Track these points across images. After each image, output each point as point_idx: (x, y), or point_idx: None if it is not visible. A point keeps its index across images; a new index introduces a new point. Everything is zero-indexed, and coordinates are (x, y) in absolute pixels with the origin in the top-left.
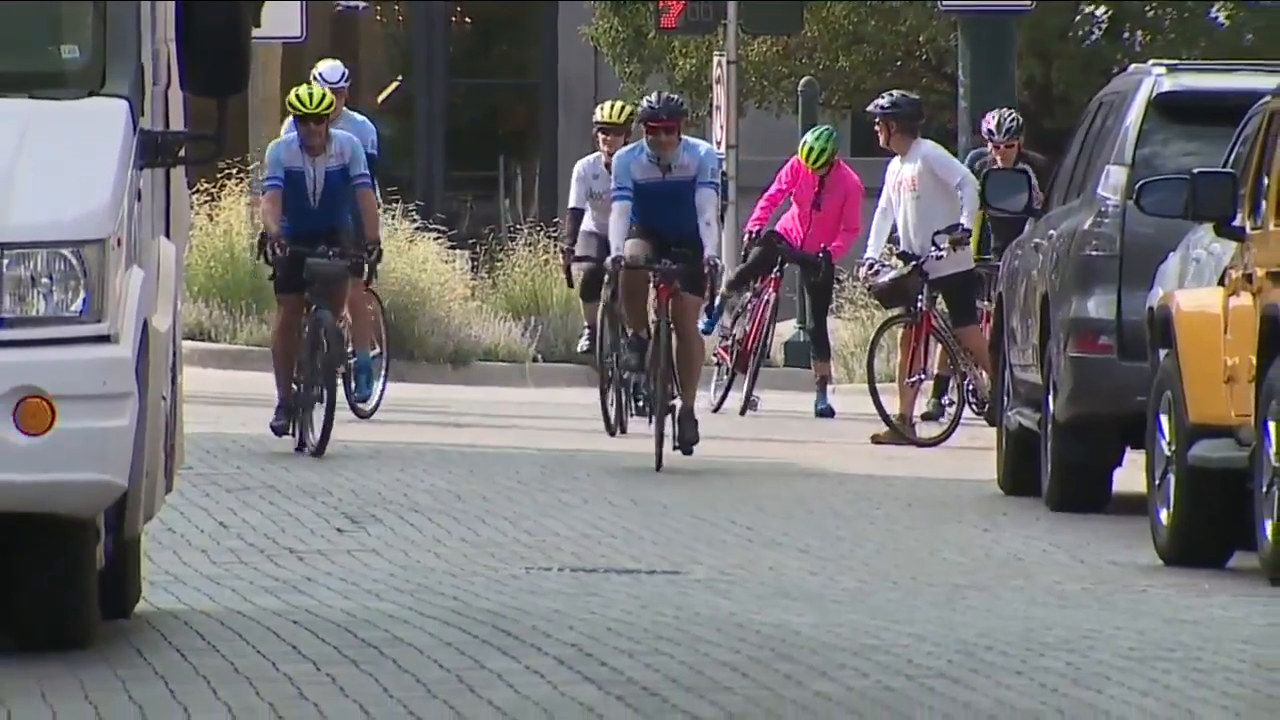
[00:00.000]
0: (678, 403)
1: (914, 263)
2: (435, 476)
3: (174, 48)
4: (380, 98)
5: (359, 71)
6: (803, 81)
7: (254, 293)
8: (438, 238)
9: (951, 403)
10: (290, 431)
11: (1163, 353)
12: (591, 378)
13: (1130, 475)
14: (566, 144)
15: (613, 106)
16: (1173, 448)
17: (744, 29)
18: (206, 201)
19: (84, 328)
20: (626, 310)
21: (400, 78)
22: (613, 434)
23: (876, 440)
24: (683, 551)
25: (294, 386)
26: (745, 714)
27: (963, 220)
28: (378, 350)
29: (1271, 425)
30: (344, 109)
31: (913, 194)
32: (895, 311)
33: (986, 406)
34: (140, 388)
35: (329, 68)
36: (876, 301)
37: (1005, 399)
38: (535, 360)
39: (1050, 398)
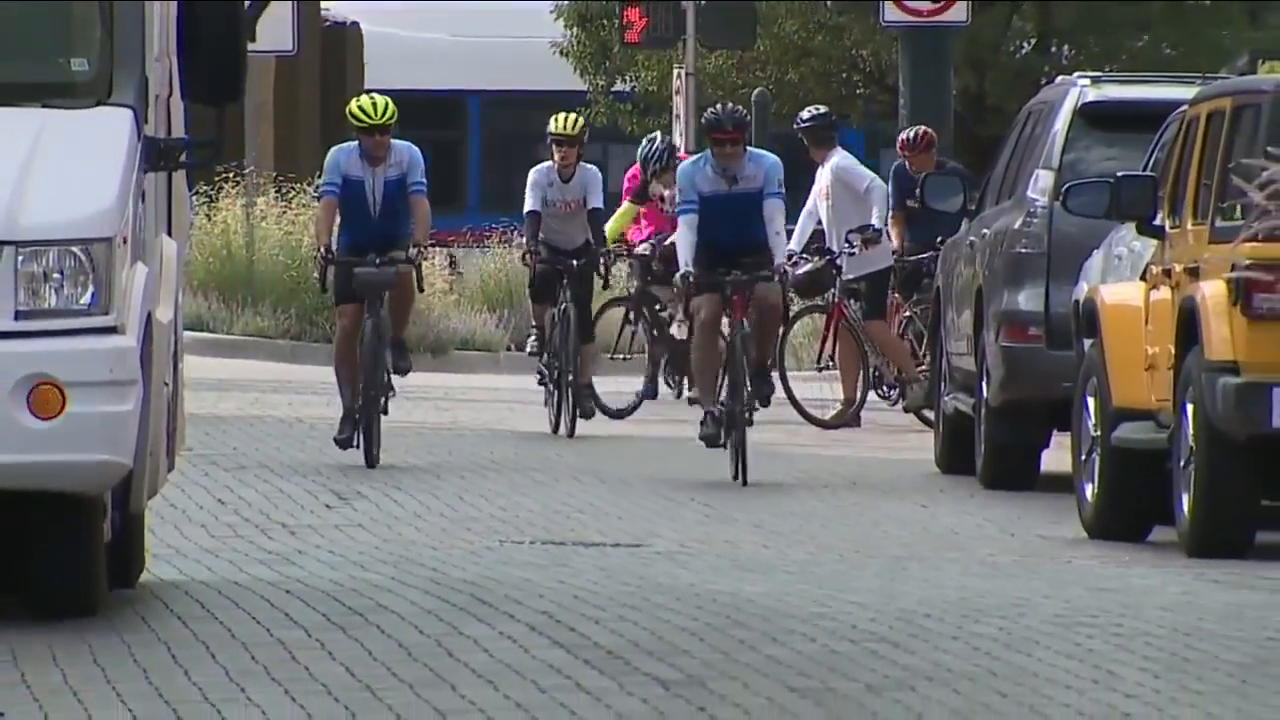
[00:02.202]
0: (752, 412)
1: (828, 258)
2: (416, 456)
3: (175, 60)
4: (349, 109)
5: (346, 79)
6: (756, 92)
7: (249, 286)
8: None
9: (895, 386)
10: (355, 444)
11: (1088, 342)
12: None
13: (1057, 455)
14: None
15: (565, 118)
16: (1097, 430)
17: (702, 44)
18: (205, 202)
19: (92, 319)
20: (698, 375)
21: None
22: (555, 432)
23: (828, 425)
24: (645, 526)
25: (357, 398)
26: (702, 675)
27: (873, 221)
28: None
29: (1189, 409)
30: None
31: (826, 199)
32: (809, 302)
33: (894, 393)
34: (144, 375)
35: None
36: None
37: (942, 385)
38: (508, 349)
39: (984, 384)
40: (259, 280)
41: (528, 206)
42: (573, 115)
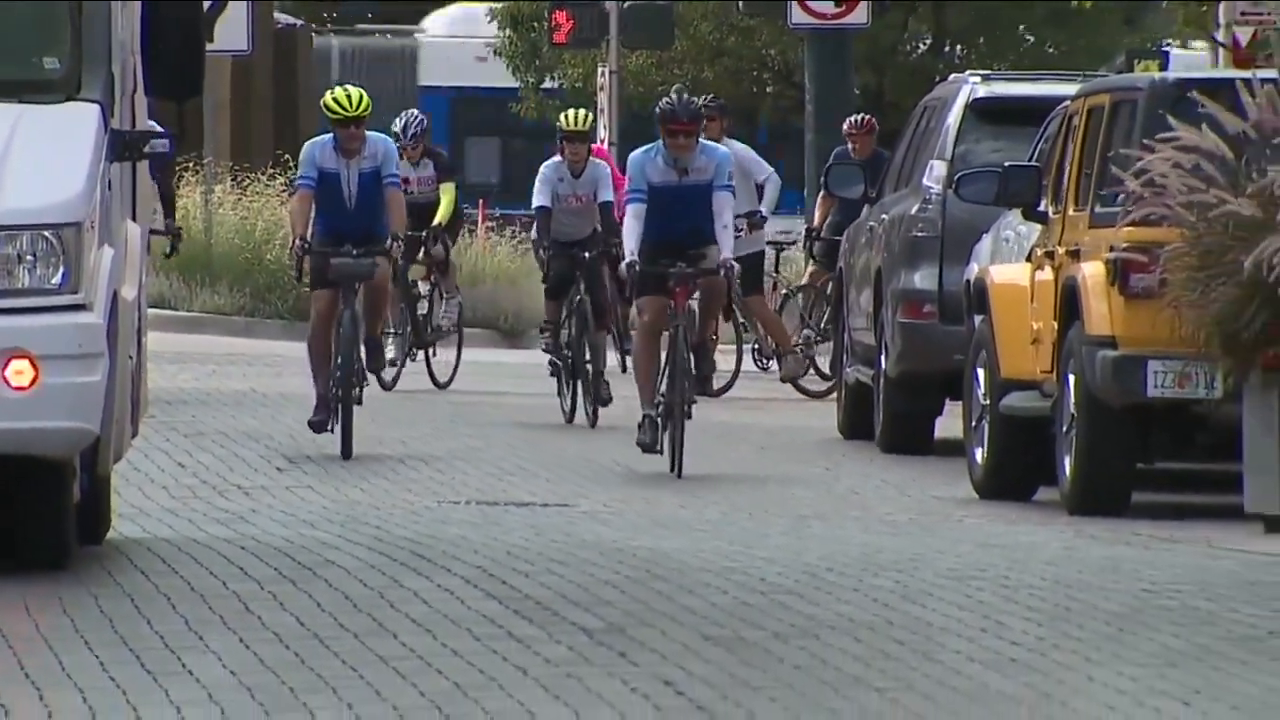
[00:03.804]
0: (693, 405)
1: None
2: (363, 423)
3: (139, 59)
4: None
5: (297, 77)
6: (674, 89)
7: (207, 267)
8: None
9: (772, 357)
10: (330, 429)
11: (978, 318)
12: (507, 340)
13: (950, 422)
14: None
15: (575, 115)
16: (987, 399)
17: (624, 44)
18: None
19: (62, 298)
20: (639, 377)
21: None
22: (570, 422)
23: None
24: (572, 488)
25: (331, 384)
26: (623, 624)
27: (761, 209)
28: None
29: (1071, 379)
30: None
31: None
32: None
33: (769, 362)
34: (110, 348)
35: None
36: None
37: (845, 357)
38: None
39: (883, 357)
40: (216, 261)
41: (537, 201)
42: (583, 111)
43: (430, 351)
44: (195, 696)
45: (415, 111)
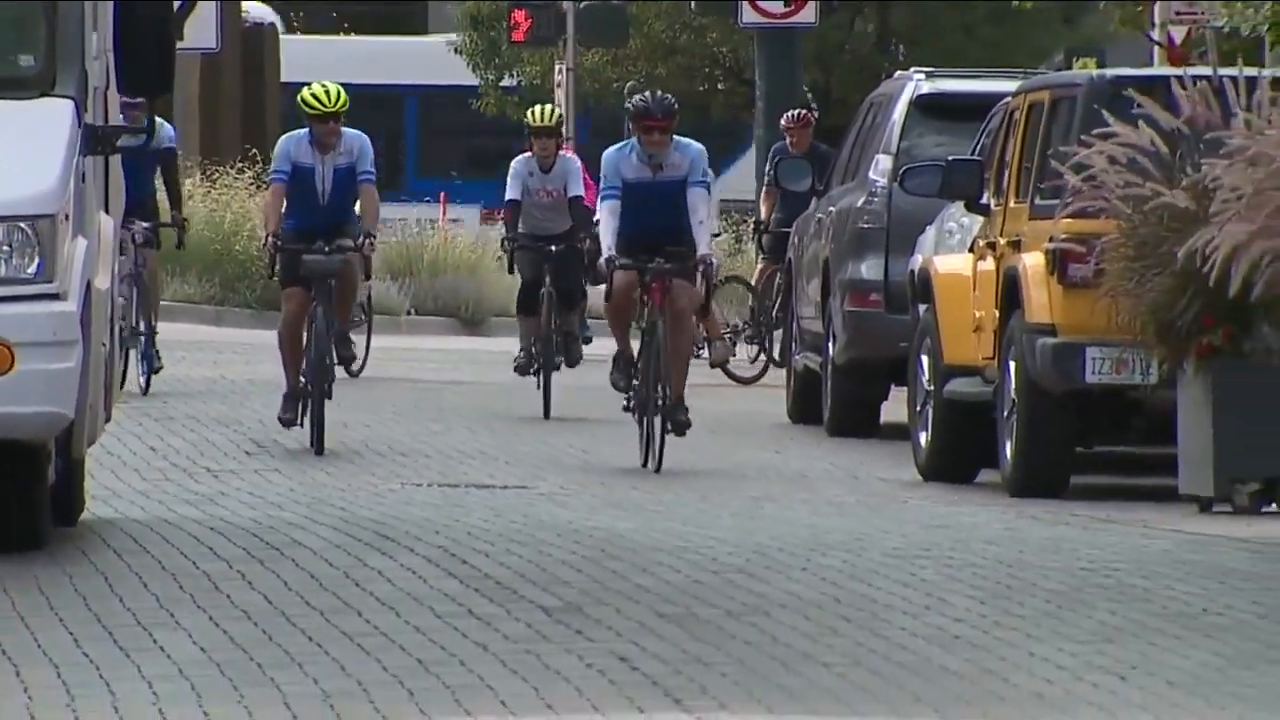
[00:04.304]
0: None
1: None
2: (326, 408)
3: (111, 57)
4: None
5: (264, 74)
6: (628, 86)
7: (177, 257)
8: None
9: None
10: (299, 424)
11: (922, 307)
12: (467, 328)
13: (895, 407)
14: None
15: (543, 110)
16: (931, 384)
17: (580, 43)
18: None
19: (38, 287)
20: (612, 324)
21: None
22: (547, 417)
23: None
24: (530, 470)
25: (301, 379)
26: (580, 602)
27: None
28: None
29: (1012, 366)
30: None
31: None
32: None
33: (702, 352)
34: (85, 336)
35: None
36: None
37: (794, 345)
38: (409, 313)
39: (830, 344)
40: (187, 252)
41: (508, 195)
42: (549, 107)
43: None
44: (166, 672)
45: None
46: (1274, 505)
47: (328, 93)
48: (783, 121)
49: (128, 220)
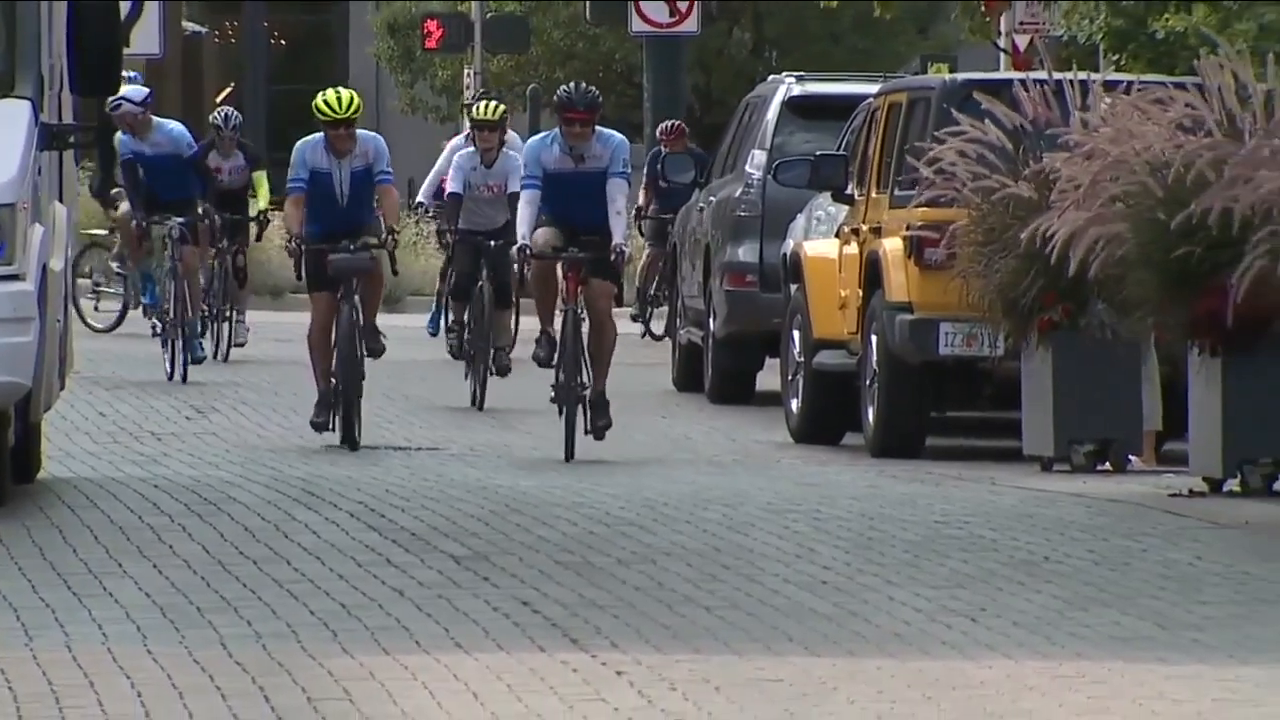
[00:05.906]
0: (587, 391)
1: None
2: (260, 377)
3: (65, 61)
4: (219, 99)
5: (203, 79)
6: (530, 88)
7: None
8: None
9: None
10: (330, 427)
11: (794, 287)
12: (385, 305)
13: (769, 377)
14: None
15: (486, 105)
16: (801, 356)
17: (486, 49)
18: (89, 176)
19: None
20: (537, 303)
21: (233, 83)
22: (475, 405)
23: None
24: (441, 433)
25: (332, 380)
26: (486, 552)
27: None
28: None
29: (874, 339)
30: (154, 119)
31: None
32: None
33: None
34: (41, 313)
35: (133, 90)
36: None
37: (679, 320)
38: None
39: (711, 320)
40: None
41: (449, 189)
42: (494, 102)
43: (230, 327)
44: (115, 615)
45: (232, 108)
46: (1107, 464)
47: (339, 99)
48: (658, 131)
49: (164, 218)
